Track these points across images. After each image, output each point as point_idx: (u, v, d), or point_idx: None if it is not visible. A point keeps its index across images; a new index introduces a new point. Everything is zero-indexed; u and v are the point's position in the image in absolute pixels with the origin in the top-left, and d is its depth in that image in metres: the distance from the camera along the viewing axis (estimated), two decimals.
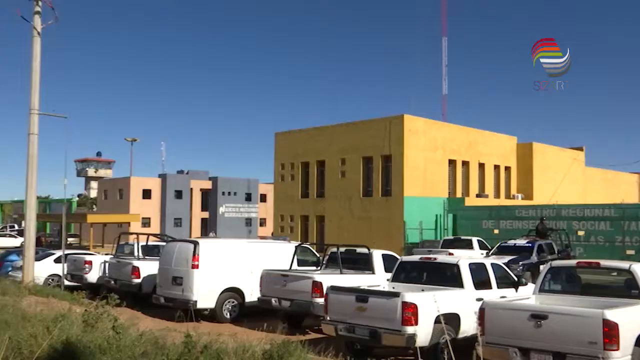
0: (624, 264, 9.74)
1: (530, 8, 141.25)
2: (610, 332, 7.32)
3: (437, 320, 9.29)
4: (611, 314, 7.44)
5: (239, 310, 14.35)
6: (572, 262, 10.94)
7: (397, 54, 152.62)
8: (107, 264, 18.33)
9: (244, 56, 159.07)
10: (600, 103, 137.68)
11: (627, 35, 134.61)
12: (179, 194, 70.52)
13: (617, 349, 7.33)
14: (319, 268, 14.75)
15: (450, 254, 22.06)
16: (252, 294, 14.17)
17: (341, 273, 13.12)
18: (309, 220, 41.32)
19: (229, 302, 14.30)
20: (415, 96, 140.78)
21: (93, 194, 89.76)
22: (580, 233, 30.21)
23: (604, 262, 10.38)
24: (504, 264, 13.04)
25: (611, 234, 29.60)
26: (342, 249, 14.13)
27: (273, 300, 13.04)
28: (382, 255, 14.27)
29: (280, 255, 15.09)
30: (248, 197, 75.73)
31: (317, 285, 12.20)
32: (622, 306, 8.16)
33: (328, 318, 10.19)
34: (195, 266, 13.86)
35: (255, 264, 14.35)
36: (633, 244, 28.72)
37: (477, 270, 10.86)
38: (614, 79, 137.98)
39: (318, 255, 16.61)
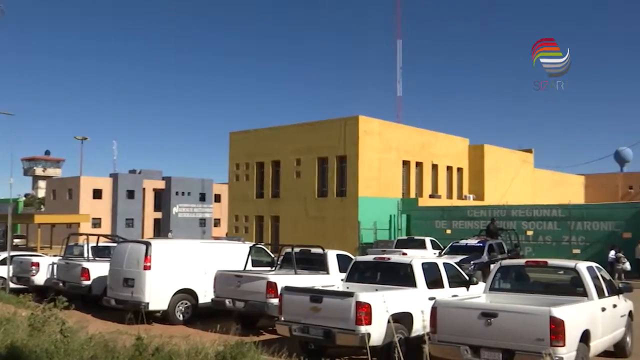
0: (570, 263, 10.05)
1: (483, 12, 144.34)
2: (557, 329, 7.53)
3: (390, 320, 9.39)
4: (558, 312, 7.65)
5: (192, 311, 14.15)
6: (521, 261, 11.22)
7: (353, 56, 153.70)
8: (55, 266, 17.82)
9: (198, 55, 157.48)
10: (548, 106, 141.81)
11: (562, 37, 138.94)
12: (131, 194, 69.22)
13: (564, 345, 7.54)
14: (273, 268, 14.70)
15: (404, 253, 22.29)
16: (205, 295, 14.01)
17: (296, 273, 13.11)
18: (264, 221, 41.17)
19: (182, 303, 14.10)
20: (371, 98, 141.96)
21: (41, 193, 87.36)
22: (529, 233, 31.05)
23: (551, 261, 10.70)
24: (455, 263, 13.27)
25: (558, 233, 30.52)
26: (297, 250, 14.10)
27: (227, 301, 12.92)
28: (337, 255, 14.29)
29: (234, 255, 14.95)
30: (202, 197, 74.95)
31: (271, 286, 12.15)
32: (568, 304, 8.42)
33: (282, 318, 10.16)
34: (147, 267, 13.61)
35: (209, 264, 14.19)
36: (579, 244, 29.67)
37: (430, 270, 11.01)
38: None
39: (272, 256, 16.55)
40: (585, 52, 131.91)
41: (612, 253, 25.45)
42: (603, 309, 9.23)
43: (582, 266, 9.61)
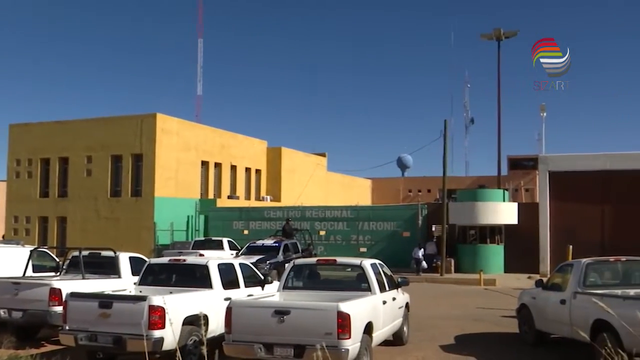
0: (356, 261, 10.76)
1: (283, 15, 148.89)
2: (343, 323, 8.02)
3: (185, 322, 9.24)
4: (344, 306, 8.15)
5: None
6: (313, 260, 11.74)
7: (155, 53, 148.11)
8: None
9: None
10: (340, 112, 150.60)
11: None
12: None
13: (349, 338, 8.05)
14: (58, 274, 13.66)
15: (201, 255, 22.12)
16: None
17: (84, 278, 12.31)
18: (49, 222, 37.99)
19: None
20: (171, 96, 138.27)
21: None
22: (322, 233, 32.76)
23: (340, 259, 11.41)
24: (251, 263, 13.51)
25: (347, 233, 32.63)
26: (85, 253, 13.27)
27: (1, 312, 11.67)
28: (130, 258, 13.68)
29: (11, 260, 13.56)
30: None
31: (55, 293, 11.24)
32: (354, 299, 9.01)
33: (67, 327, 9.44)
34: None
35: None
36: (365, 242, 32.05)
37: (226, 271, 11.04)
38: (348, 91, 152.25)
39: (58, 260, 15.37)
40: (369, 67, 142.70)
41: (419, 252, 28.27)
42: (384, 302, 10.05)
43: (367, 263, 10.36)
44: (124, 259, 13.46)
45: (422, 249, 28.46)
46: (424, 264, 28.22)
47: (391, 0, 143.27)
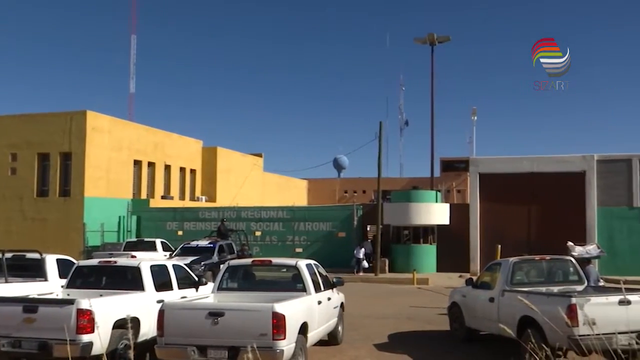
0: (292, 261, 10.79)
1: (216, 14, 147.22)
2: (278, 323, 8.01)
3: (115, 326, 9.00)
4: (279, 307, 8.14)
5: None
6: (248, 261, 11.68)
7: (86, 49, 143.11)
8: None
9: None
10: (276, 113, 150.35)
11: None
12: None
13: (284, 338, 8.04)
14: None
15: (133, 256, 21.63)
16: None
17: (6, 282, 11.78)
18: None
19: None
20: (102, 93, 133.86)
21: None
22: (258, 233, 32.63)
23: (275, 260, 11.42)
24: (186, 264, 13.30)
25: (283, 233, 32.62)
26: (8, 255, 12.69)
27: None
28: (57, 260, 13.22)
29: None
30: None
31: None
32: (289, 299, 9.01)
33: None
34: None
35: None
36: (301, 243, 32.13)
37: (159, 273, 10.82)
38: (284, 91, 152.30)
39: None
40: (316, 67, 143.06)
41: (361, 252, 28.54)
42: (319, 302, 10.11)
43: (302, 264, 10.39)
44: (50, 261, 12.99)
45: (363, 249, 28.77)
46: (365, 263, 28.55)
47: (327, 0, 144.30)
